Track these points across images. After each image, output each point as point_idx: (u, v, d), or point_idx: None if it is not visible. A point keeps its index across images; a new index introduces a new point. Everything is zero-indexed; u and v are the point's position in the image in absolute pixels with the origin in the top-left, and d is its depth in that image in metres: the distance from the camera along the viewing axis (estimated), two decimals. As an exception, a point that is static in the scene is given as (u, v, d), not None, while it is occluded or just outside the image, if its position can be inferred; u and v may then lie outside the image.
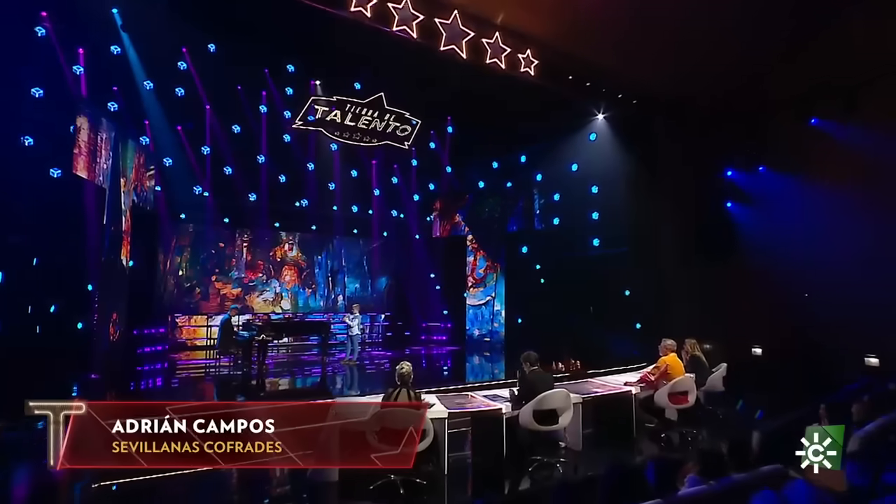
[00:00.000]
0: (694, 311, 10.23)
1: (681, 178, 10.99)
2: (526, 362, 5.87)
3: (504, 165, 14.54)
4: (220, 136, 12.43)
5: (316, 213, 14.74)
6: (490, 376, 10.01)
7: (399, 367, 5.17)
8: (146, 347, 11.88)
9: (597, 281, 11.34)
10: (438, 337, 15.78)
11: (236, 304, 11.51)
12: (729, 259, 10.44)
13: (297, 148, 13.30)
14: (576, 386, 7.05)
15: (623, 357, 9.39)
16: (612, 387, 6.99)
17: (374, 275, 16.37)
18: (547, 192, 13.53)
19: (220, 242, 14.25)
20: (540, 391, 5.62)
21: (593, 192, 12.04)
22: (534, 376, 5.82)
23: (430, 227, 16.60)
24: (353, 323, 11.30)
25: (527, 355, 5.84)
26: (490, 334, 14.84)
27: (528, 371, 5.88)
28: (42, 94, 7.45)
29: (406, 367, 5.19)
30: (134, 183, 11.02)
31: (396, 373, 5.19)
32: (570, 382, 7.41)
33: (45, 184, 7.46)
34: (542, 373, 5.89)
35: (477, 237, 15.59)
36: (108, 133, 9.63)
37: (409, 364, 5.27)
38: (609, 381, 7.35)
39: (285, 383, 9.61)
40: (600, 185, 11.88)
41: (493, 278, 15.01)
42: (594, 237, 11.93)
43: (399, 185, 15.48)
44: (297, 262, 15.38)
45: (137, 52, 10.63)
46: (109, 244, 9.57)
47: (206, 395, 8.68)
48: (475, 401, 6.27)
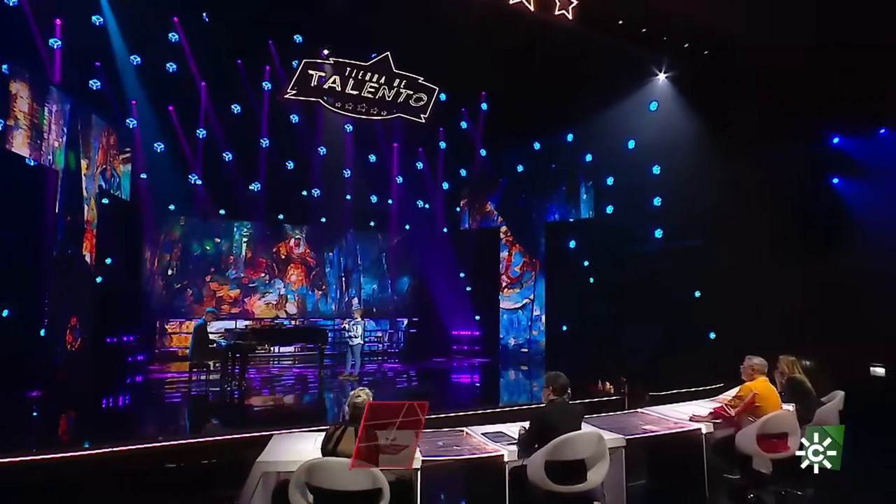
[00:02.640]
0: (789, 319, 8.76)
1: (768, 150, 9.71)
2: (548, 387, 4.51)
3: (547, 147, 13.93)
4: (217, 117, 12.23)
5: (327, 204, 14.33)
6: (528, 396, 9.28)
7: (353, 395, 3.90)
8: (122, 357, 11.34)
9: (659, 280, 10.56)
10: (468, 347, 15.22)
11: (213, 308, 10.60)
12: (836, 250, 9.01)
13: (305, 130, 13.13)
14: (621, 419, 5.70)
15: (691, 378, 8.15)
16: (672, 422, 5.53)
17: (395, 274, 15.87)
18: (597, 175, 12.93)
19: (216, 237, 13.84)
20: (558, 432, 4.15)
21: (655, 173, 11.39)
22: (553, 409, 4.39)
23: (459, 218, 16.04)
24: (355, 330, 10.44)
25: (552, 377, 4.51)
26: (528, 344, 14.24)
27: (546, 400, 4.51)
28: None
29: (363, 395, 3.90)
30: (101, 166, 10.42)
31: (349, 402, 3.90)
32: (613, 414, 6.10)
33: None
34: (565, 404, 4.45)
35: (512, 228, 14.96)
36: (61, 105, 8.96)
37: (367, 392, 3.96)
38: (669, 413, 5.88)
39: (263, 401, 8.81)
40: (664, 164, 11.20)
41: (532, 277, 14.35)
42: (656, 227, 11.33)
43: (424, 172, 15.12)
44: (304, 259, 14.97)
45: (121, 22, 10.41)
46: (64, 236, 8.98)
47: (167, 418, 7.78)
48: (471, 440, 4.85)
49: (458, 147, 14.70)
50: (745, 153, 9.87)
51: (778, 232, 9.59)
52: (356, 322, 10.42)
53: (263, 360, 13.17)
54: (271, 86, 12.41)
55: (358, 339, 10.34)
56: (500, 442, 4.71)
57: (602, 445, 4.39)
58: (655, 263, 10.88)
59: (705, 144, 10.13)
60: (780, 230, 9.60)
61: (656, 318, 10.52)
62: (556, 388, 4.45)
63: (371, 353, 14.75)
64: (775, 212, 9.65)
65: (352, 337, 10.34)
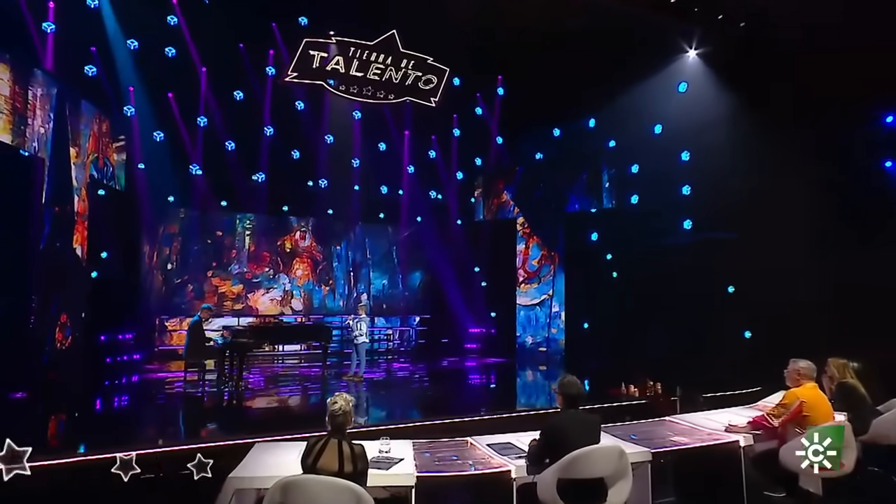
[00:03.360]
0: (834, 317, 8.18)
1: (811, 132, 9.20)
2: (560, 394, 4.04)
3: (567, 133, 13.62)
4: (218, 104, 12.17)
5: (334, 195, 14.19)
6: (547, 399, 9.01)
7: (331, 402, 3.50)
8: (117, 356, 11.15)
9: (688, 275, 10.21)
10: (483, 346, 15.02)
11: (209, 304, 10.46)
12: (887, 241, 8.42)
13: (311, 117, 13.06)
14: (646, 429, 5.22)
15: (724, 382, 7.81)
16: (705, 432, 5.04)
17: (406, 269, 15.72)
18: (621, 163, 12.59)
19: (218, 230, 13.70)
20: (571, 444, 3.70)
21: (683, 159, 11.02)
22: (564, 418, 3.93)
23: (474, 209, 15.79)
24: (359, 328, 10.13)
25: (565, 385, 4.02)
26: (546, 343, 13.94)
27: (559, 408, 4.06)
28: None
29: (340, 402, 3.50)
30: (92, 154, 10.20)
31: (327, 412, 3.50)
32: (637, 422, 5.59)
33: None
34: (578, 414, 4.00)
35: (529, 220, 14.65)
36: (46, 90, 8.68)
37: (345, 398, 3.56)
38: (701, 422, 5.39)
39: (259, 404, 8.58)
40: (694, 149, 10.83)
41: (550, 271, 14.03)
42: (685, 218, 10.95)
43: (437, 161, 14.95)
44: (310, 253, 14.81)
45: (117, 5, 10.32)
46: (52, 228, 8.71)
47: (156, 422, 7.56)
48: (475, 452, 4.43)
49: (473, 134, 14.48)
50: (785, 136, 9.42)
51: (821, 221, 9.11)
52: (361, 319, 10.14)
53: (268, 358, 13.06)
54: (275, 71, 12.22)
55: (363, 337, 10.08)
56: (507, 455, 4.31)
57: (624, 461, 3.93)
58: (684, 257, 10.57)
59: (740, 127, 9.76)
60: (824, 219, 9.11)
61: (686, 315, 10.21)
62: (568, 394, 4.00)
63: (380, 352, 14.66)
64: (819, 199, 9.16)
65: (356, 335, 10.06)
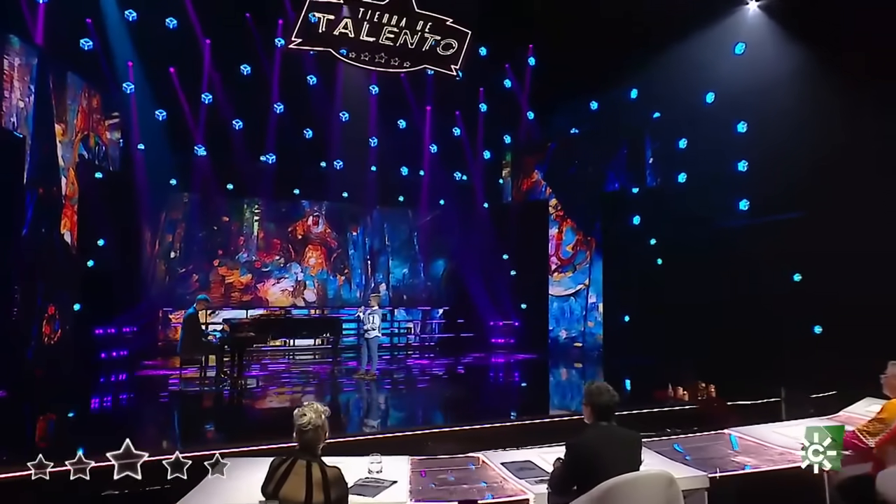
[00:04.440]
0: None
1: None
2: (587, 405, 3.36)
3: (606, 106, 13.24)
4: (224, 79, 12.06)
5: (349, 177, 14.04)
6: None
7: (298, 413, 2.98)
8: (114, 352, 11.02)
9: (745, 262, 9.91)
10: (511, 340, 14.84)
11: (205, 295, 10.25)
12: None
13: (323, 93, 12.93)
14: (701, 445, 4.59)
15: (790, 385, 7.39)
16: (776, 450, 4.36)
17: (427, 257, 15.60)
18: (667, 137, 12.24)
19: (224, 216, 13.61)
20: (604, 468, 3.07)
21: (739, 131, 10.64)
22: (594, 436, 3.27)
23: (502, 191, 15.71)
24: (370, 321, 9.77)
25: (593, 392, 3.35)
26: (582, 337, 13.70)
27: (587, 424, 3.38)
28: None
29: (310, 413, 2.96)
30: (82, 132, 10.02)
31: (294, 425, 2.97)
32: (687, 437, 4.94)
33: None
34: (613, 429, 3.32)
35: (563, 201, 14.34)
36: (25, 59, 8.39)
37: (317, 409, 3.01)
38: (769, 437, 4.69)
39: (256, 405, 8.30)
40: (752, 119, 10.44)
41: (586, 258, 13.69)
42: (741, 198, 10.59)
43: (462, 138, 14.74)
44: (324, 240, 14.70)
45: None
46: (35, 212, 8.50)
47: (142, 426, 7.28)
48: (487, 473, 3.82)
49: (501, 109, 14.27)
50: (863, 101, 8.82)
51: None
52: (373, 311, 9.75)
53: (278, 354, 12.96)
54: (284, 42, 11.97)
55: (375, 331, 9.70)
56: (526, 477, 3.67)
57: (674, 490, 3.22)
58: (740, 241, 10.20)
59: (809, 92, 9.21)
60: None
61: (742, 307, 9.83)
62: (596, 407, 3.33)
63: (399, 348, 14.57)
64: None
65: (367, 329, 9.74)
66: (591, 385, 3.40)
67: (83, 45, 10.15)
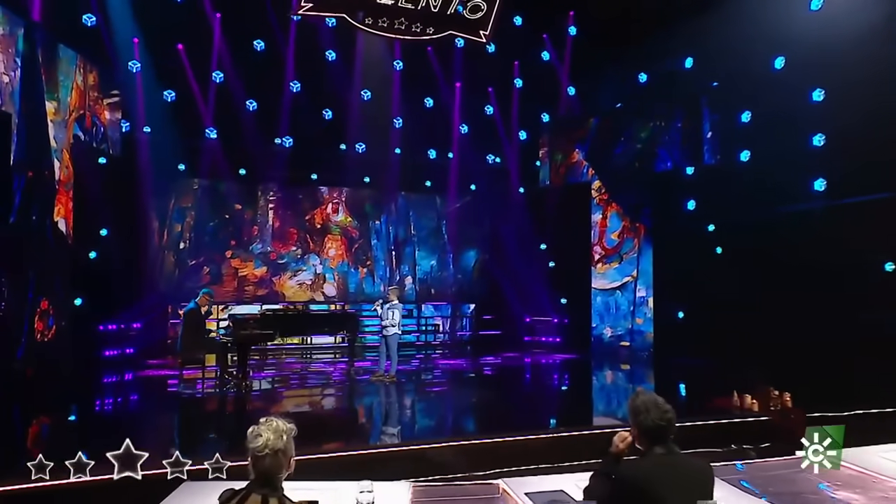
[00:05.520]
0: None
1: None
2: (634, 425, 2.78)
3: (657, 78, 12.97)
4: (235, 56, 12.01)
5: (372, 161, 13.96)
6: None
7: (252, 434, 2.43)
8: (117, 349, 11.04)
9: (822, 250, 9.63)
10: (549, 339, 14.65)
11: (208, 289, 10.05)
12: None
13: (343, 70, 12.82)
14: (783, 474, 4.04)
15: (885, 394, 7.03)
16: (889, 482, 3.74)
17: (457, 247, 15.53)
18: (728, 109, 11.92)
19: (237, 203, 13.60)
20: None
21: (815, 100, 10.25)
22: (649, 468, 2.69)
23: (538, 174, 15.46)
24: (389, 316, 9.50)
25: (639, 406, 2.77)
26: (629, 336, 13.45)
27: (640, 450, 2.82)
28: None
29: (267, 434, 2.42)
30: (77, 111, 9.93)
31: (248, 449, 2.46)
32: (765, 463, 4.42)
33: None
34: (673, 459, 2.72)
35: (607, 184, 14.05)
36: (9, 29, 8.15)
37: (277, 428, 2.46)
38: (876, 463, 4.10)
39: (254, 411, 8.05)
40: (830, 86, 10.02)
41: (634, 247, 13.44)
42: (816, 177, 10.29)
43: (495, 118, 14.58)
44: (345, 229, 14.66)
45: None
46: (24, 198, 8.36)
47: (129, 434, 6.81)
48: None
49: (538, 85, 14.05)
50: None
51: None
52: (392, 306, 9.47)
53: (295, 352, 13.07)
54: (294, 6, 11.78)
55: (394, 328, 9.46)
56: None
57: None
58: (815, 226, 10.01)
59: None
60: None
61: (820, 302, 9.51)
62: (644, 428, 2.70)
63: (427, 346, 14.63)
64: None
65: (386, 326, 9.51)
66: (634, 399, 2.81)
67: (85, 22, 9.97)
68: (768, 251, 10.40)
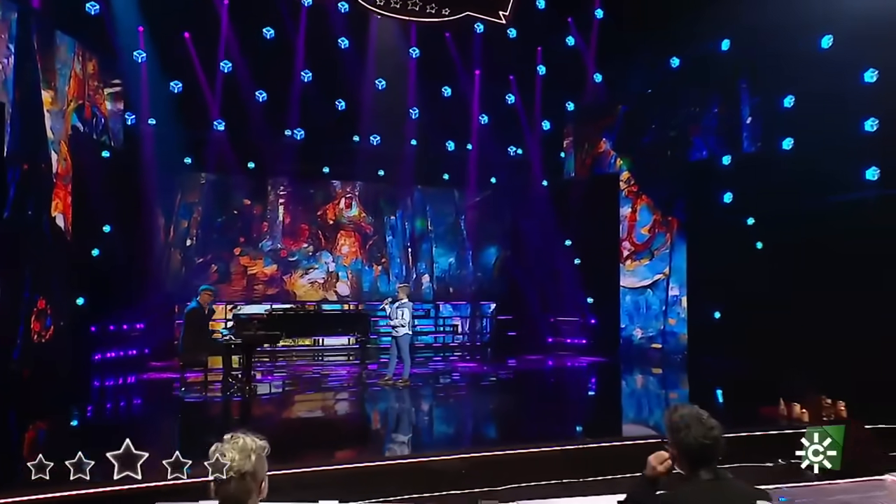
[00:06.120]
0: None
1: None
2: (675, 444, 2.43)
3: (691, 62, 12.83)
4: (244, 44, 12.02)
5: (386, 153, 13.95)
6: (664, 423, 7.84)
7: (213, 452, 2.14)
8: (119, 351, 11.01)
9: (875, 244, 9.39)
10: (575, 340, 14.55)
11: (210, 286, 9.93)
12: None
13: (357, 58, 12.82)
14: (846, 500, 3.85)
15: None
16: None
17: (477, 244, 15.45)
18: (768, 93, 11.65)
19: (246, 198, 13.58)
20: None
21: (867, 81, 10.05)
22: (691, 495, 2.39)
23: (563, 166, 15.35)
24: (399, 316, 9.29)
25: (677, 422, 2.45)
26: (661, 337, 13.26)
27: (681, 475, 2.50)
28: None
29: (231, 455, 2.14)
30: (76, 101, 9.85)
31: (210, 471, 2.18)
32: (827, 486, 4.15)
33: None
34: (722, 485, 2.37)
35: (637, 174, 13.85)
36: (1, 13, 8.01)
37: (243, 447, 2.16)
38: None
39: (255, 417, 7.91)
40: (883, 66, 9.80)
41: (666, 242, 13.24)
42: (867, 166, 10.08)
43: (516, 107, 14.51)
44: (358, 225, 14.61)
45: None
46: (18, 191, 8.26)
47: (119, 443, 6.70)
48: None
49: (563, 71, 13.92)
50: None
51: None
52: (402, 304, 9.24)
53: (307, 354, 13.08)
54: (311, 0, 12.05)
55: (405, 328, 9.24)
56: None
57: None
58: (867, 218, 9.69)
59: None
60: None
61: (872, 300, 9.23)
62: (685, 449, 2.36)
63: (444, 348, 14.66)
64: None
65: (396, 326, 9.30)
66: (672, 414, 2.47)
67: (89, 10, 9.94)
68: (814, 246, 10.16)
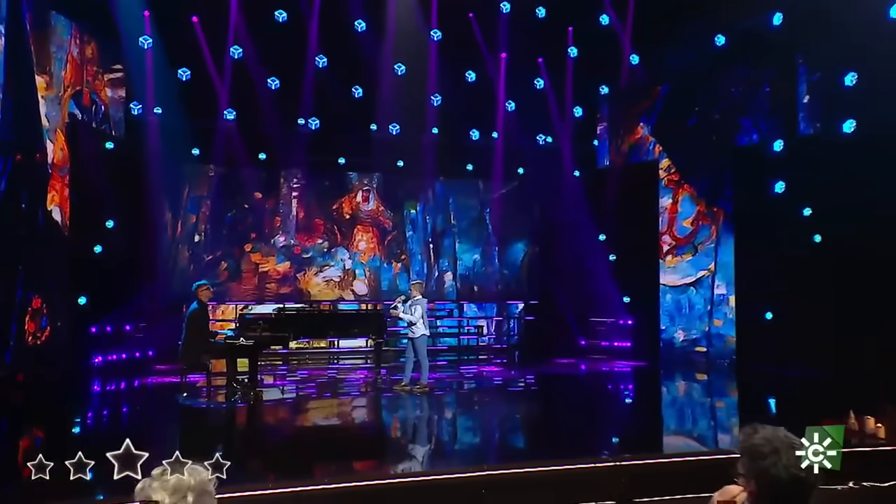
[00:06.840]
0: None
1: None
2: (755, 476, 1.89)
3: (739, 38, 12.47)
4: (255, 29, 11.98)
5: (406, 143, 13.74)
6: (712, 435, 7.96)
7: (139, 492, 1.82)
8: (121, 354, 10.94)
9: None
10: (610, 343, 14.30)
11: (206, 280, 9.59)
12: None
13: (374, 42, 12.68)
14: None
15: None
16: None
17: (503, 239, 15.26)
18: (827, 70, 11.38)
19: (257, 192, 13.48)
20: None
21: None
22: None
23: (597, 154, 15.12)
24: (412, 314, 8.99)
25: (757, 443, 1.92)
26: (706, 340, 12.96)
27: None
28: None
29: (160, 497, 1.80)
30: (73, 87, 9.78)
31: None
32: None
33: None
34: None
35: (678, 162, 13.53)
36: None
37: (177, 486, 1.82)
38: None
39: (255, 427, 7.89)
40: None
41: (711, 236, 12.93)
42: None
43: (546, 92, 14.18)
44: (376, 219, 14.50)
45: None
46: (10, 183, 8.20)
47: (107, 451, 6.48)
48: None
49: (596, 53, 13.68)
50: None
51: None
52: (415, 302, 8.90)
53: (321, 356, 13.07)
54: None
55: (421, 328, 8.88)
56: None
57: None
58: None
59: None
60: None
61: None
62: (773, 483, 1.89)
63: (468, 350, 14.60)
64: None
65: (410, 326, 8.96)
66: (752, 436, 2.00)
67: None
68: (879, 239, 9.79)
